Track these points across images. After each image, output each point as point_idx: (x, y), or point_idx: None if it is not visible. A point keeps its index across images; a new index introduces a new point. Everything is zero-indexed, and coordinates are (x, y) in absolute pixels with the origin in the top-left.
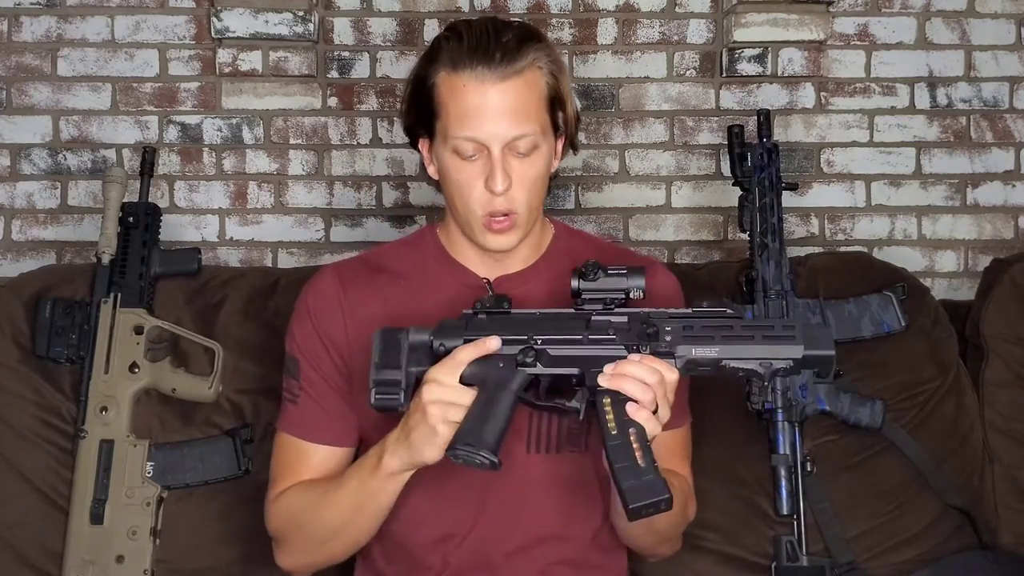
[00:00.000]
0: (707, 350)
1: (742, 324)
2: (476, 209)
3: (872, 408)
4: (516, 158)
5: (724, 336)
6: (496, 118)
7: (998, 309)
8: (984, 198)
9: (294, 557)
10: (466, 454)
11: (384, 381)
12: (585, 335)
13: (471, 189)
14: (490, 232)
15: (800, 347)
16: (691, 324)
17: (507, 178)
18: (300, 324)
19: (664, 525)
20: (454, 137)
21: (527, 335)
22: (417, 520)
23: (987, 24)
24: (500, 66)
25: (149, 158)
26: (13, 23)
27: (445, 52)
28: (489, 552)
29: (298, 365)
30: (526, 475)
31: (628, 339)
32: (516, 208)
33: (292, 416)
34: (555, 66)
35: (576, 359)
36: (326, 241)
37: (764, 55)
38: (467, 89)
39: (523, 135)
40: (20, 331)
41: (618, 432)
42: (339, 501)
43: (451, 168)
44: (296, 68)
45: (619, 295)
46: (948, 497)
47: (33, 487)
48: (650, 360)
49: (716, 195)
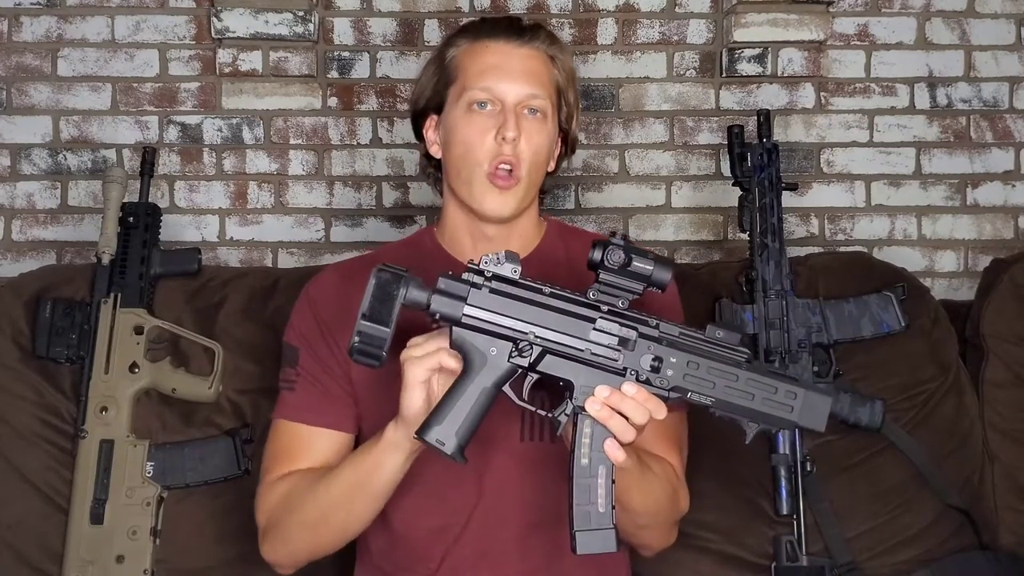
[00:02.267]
0: (702, 397)
1: (748, 377)
2: (483, 161)
3: (872, 408)
4: (526, 119)
5: (726, 386)
6: (514, 75)
7: (998, 309)
8: (984, 198)
9: (279, 547)
10: (432, 444)
11: (369, 334)
12: (587, 348)
13: (480, 141)
14: (492, 189)
15: (793, 420)
16: (698, 363)
17: (518, 128)
18: (300, 315)
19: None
20: (471, 88)
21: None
22: (415, 512)
23: (987, 24)
24: (523, 38)
25: (149, 158)
26: (13, 23)
27: (467, 31)
28: (488, 540)
29: (297, 352)
30: (521, 462)
31: (630, 362)
32: (520, 164)
33: (289, 402)
34: (568, 74)
35: (571, 366)
36: (326, 241)
37: (764, 55)
38: (489, 50)
39: (537, 95)
40: (20, 331)
41: (589, 466)
42: (338, 478)
43: (461, 123)
44: (296, 68)
45: (637, 290)
46: (948, 497)
47: (33, 487)
48: (643, 397)
49: (716, 195)
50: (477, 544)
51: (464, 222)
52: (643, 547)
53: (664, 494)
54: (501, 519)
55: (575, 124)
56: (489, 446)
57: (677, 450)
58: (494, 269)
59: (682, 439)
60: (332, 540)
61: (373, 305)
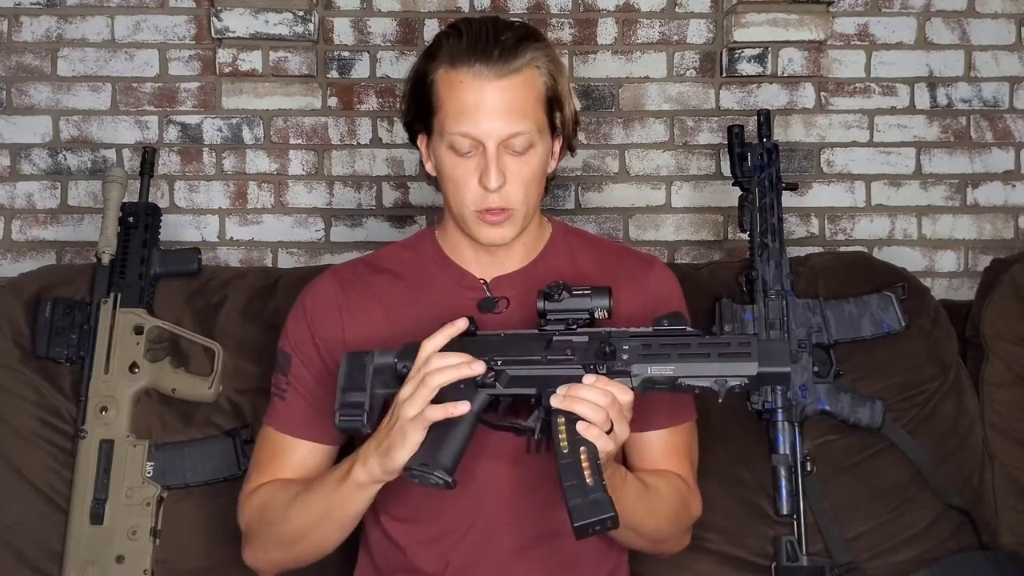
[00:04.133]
0: (663, 368)
1: (699, 342)
2: (470, 205)
3: (872, 408)
4: (511, 156)
5: (680, 354)
6: (492, 115)
7: (998, 309)
8: (984, 198)
9: (260, 555)
10: (421, 474)
11: (348, 403)
12: (544, 355)
13: (466, 185)
14: (485, 224)
15: (755, 364)
16: (649, 343)
17: (501, 175)
18: (295, 323)
19: (651, 529)
20: (450, 133)
21: (489, 357)
22: (415, 520)
23: (987, 24)
24: (497, 64)
25: (149, 158)
26: (13, 23)
27: (445, 49)
28: (488, 551)
29: (289, 361)
30: (527, 474)
31: (585, 359)
32: (511, 205)
33: (278, 411)
34: (554, 66)
35: (534, 379)
36: (326, 241)
37: (764, 55)
38: (464, 86)
39: (518, 133)
40: (20, 331)
41: (569, 451)
42: (308, 505)
43: (447, 164)
44: (296, 68)
45: (583, 315)
46: (948, 497)
47: (33, 487)
48: (603, 382)
49: (716, 195)
50: (477, 553)
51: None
52: (660, 555)
53: (673, 509)
54: (504, 530)
55: (570, 119)
56: (496, 459)
57: (688, 461)
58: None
59: (692, 450)
60: (310, 555)
61: (348, 376)
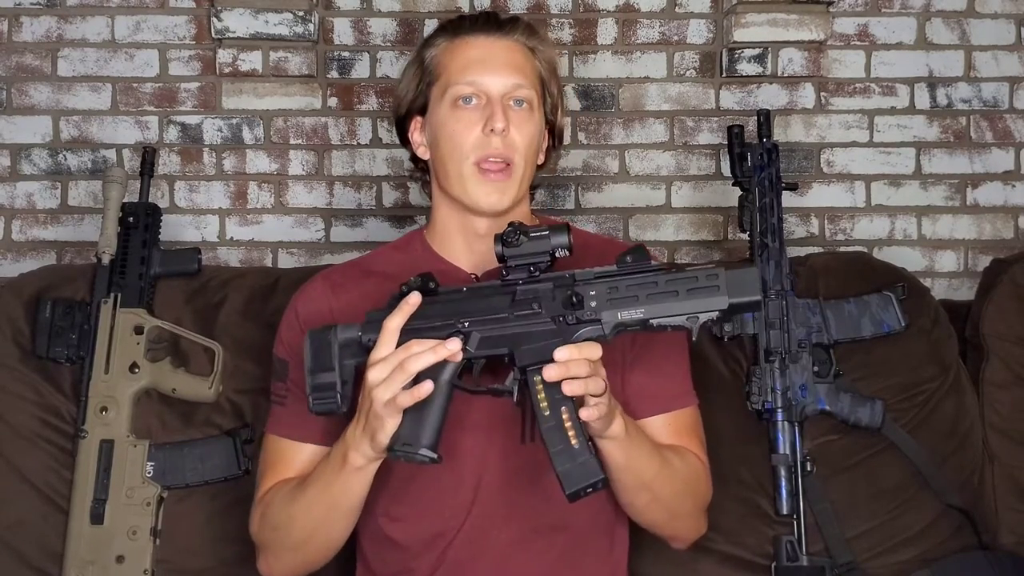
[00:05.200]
0: (632, 312)
1: (666, 279)
2: (470, 155)
3: (872, 408)
4: (513, 110)
5: (649, 295)
6: (498, 67)
7: (998, 309)
8: (984, 198)
9: (273, 564)
10: (405, 453)
11: (319, 385)
12: (511, 312)
13: (467, 134)
14: (485, 180)
15: (724, 297)
16: (615, 285)
17: (505, 119)
18: (288, 329)
19: (668, 493)
20: (455, 84)
21: (454, 320)
22: (410, 518)
23: (987, 24)
24: (503, 30)
25: (149, 158)
26: (13, 23)
27: (449, 28)
28: (485, 545)
29: (286, 367)
30: (520, 465)
31: (553, 310)
32: (513, 155)
33: (279, 417)
34: (550, 65)
35: (504, 338)
36: (326, 241)
37: (764, 55)
38: (469, 45)
39: (522, 85)
40: (20, 331)
41: (551, 413)
42: (311, 501)
43: (448, 120)
44: (296, 68)
45: (544, 258)
46: (948, 497)
47: (33, 487)
48: (576, 351)
49: (716, 195)
50: (474, 548)
51: (456, 221)
52: (676, 539)
53: (688, 475)
54: (499, 523)
55: (560, 115)
56: (489, 449)
57: (698, 441)
58: (414, 287)
59: (700, 433)
60: (321, 554)
61: (314, 356)
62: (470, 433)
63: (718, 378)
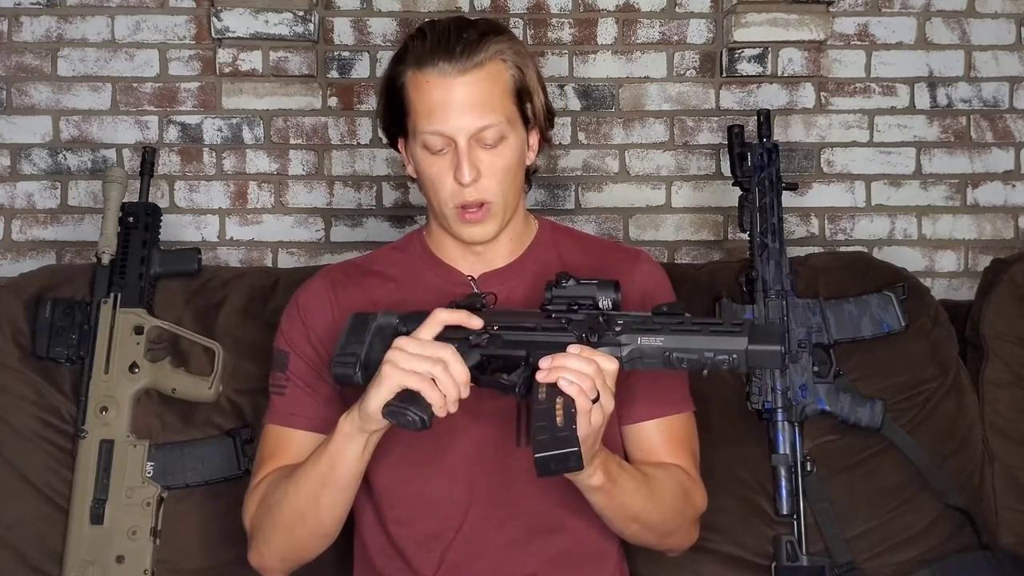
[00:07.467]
0: (653, 340)
1: (693, 320)
2: (448, 202)
3: (872, 408)
4: (484, 149)
5: (672, 329)
6: (460, 111)
7: (998, 309)
8: (984, 198)
9: (263, 548)
10: (396, 410)
11: (346, 352)
12: (539, 324)
13: (442, 183)
14: (465, 223)
15: (744, 339)
16: (643, 319)
17: (474, 169)
18: (290, 321)
19: (656, 520)
20: (422, 132)
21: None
22: (408, 519)
23: (987, 24)
24: (461, 59)
25: (149, 158)
26: (13, 23)
27: (411, 52)
28: (483, 546)
29: (287, 357)
30: (516, 467)
31: (579, 328)
32: (488, 198)
33: (277, 407)
34: (520, 59)
35: (525, 343)
36: (326, 241)
37: (764, 55)
38: (431, 85)
39: (488, 126)
40: (20, 331)
41: (546, 399)
42: (302, 476)
43: (423, 163)
44: (296, 68)
45: (586, 301)
46: (948, 497)
47: (33, 487)
48: (588, 352)
49: (716, 195)
50: (473, 549)
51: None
52: (670, 551)
53: (675, 498)
54: (497, 524)
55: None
56: (486, 450)
57: (688, 453)
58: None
59: (692, 442)
60: (311, 539)
61: (350, 331)
62: (468, 435)
63: (718, 378)
